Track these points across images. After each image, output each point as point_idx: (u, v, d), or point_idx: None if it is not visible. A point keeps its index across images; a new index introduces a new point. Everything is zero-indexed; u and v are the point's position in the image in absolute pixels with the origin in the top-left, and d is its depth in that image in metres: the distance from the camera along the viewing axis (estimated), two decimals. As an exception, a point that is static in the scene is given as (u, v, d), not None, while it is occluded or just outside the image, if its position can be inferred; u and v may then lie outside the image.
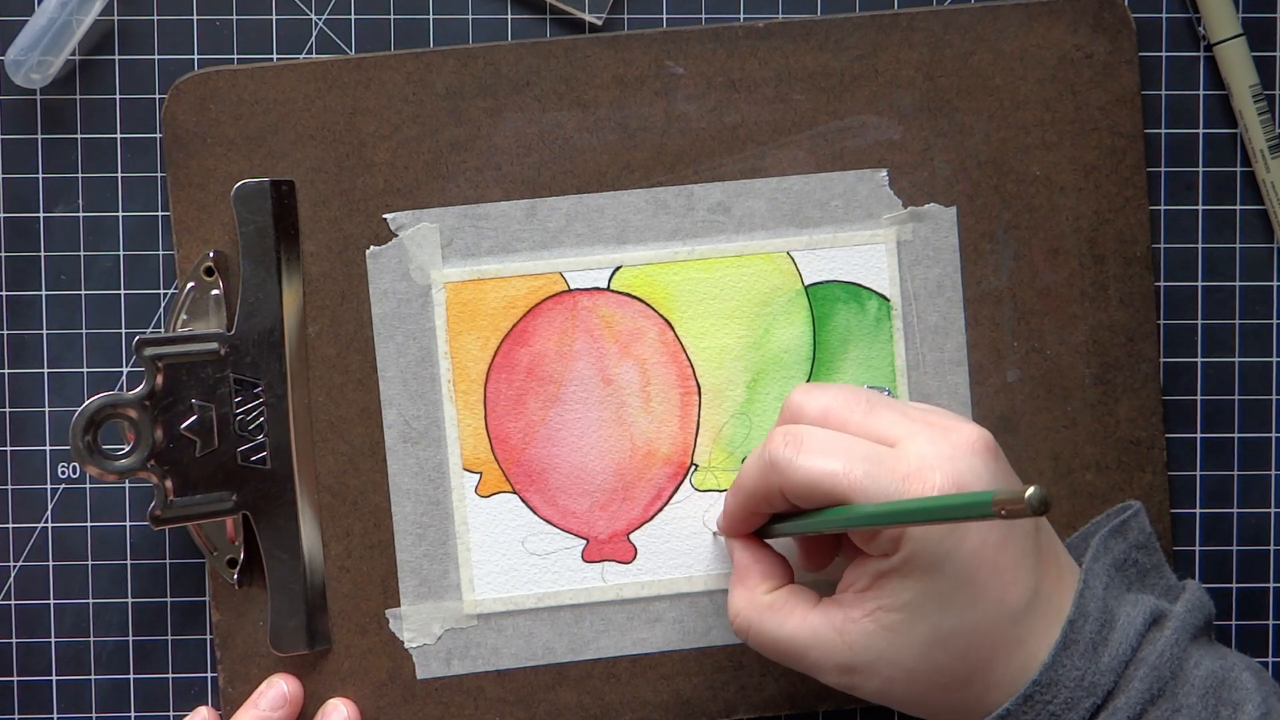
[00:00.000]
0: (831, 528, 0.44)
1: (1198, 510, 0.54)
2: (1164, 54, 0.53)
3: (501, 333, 0.52)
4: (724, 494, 0.52)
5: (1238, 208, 0.54)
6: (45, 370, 0.53)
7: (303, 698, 0.52)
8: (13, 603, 0.53)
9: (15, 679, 0.53)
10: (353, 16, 0.53)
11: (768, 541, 0.49)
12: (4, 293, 0.53)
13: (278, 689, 0.51)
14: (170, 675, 0.53)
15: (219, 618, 0.52)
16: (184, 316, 0.51)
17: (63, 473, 0.53)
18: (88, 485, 0.53)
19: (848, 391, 0.46)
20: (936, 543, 0.43)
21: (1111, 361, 0.52)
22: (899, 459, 0.43)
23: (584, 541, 0.52)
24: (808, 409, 0.46)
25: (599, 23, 0.53)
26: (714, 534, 0.52)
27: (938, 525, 0.42)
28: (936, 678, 0.44)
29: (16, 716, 0.53)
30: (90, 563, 0.53)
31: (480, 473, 0.52)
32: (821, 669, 0.45)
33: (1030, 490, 0.35)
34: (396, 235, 0.52)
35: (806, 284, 0.52)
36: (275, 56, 0.53)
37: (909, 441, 0.44)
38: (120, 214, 0.53)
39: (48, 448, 0.53)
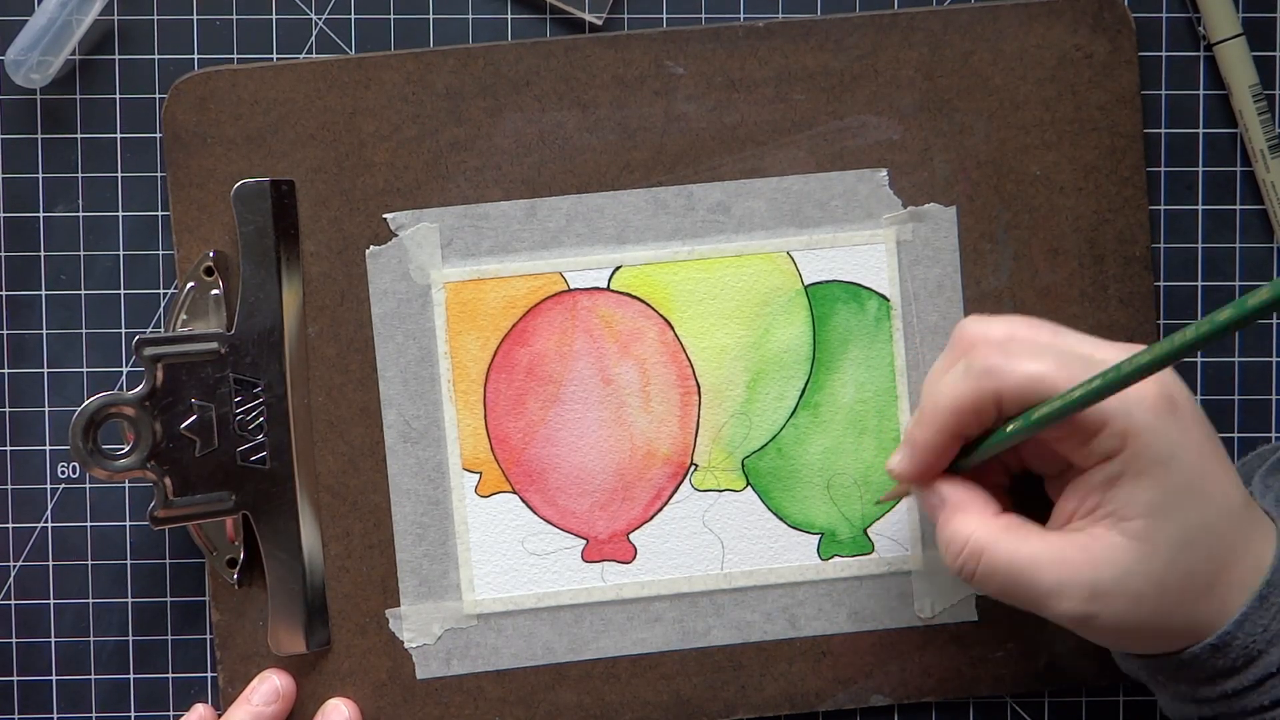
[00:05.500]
0: (1053, 420, 0.42)
1: (1198, 510, 0.54)
2: (1164, 54, 0.53)
3: (501, 333, 0.52)
4: (723, 493, 0.52)
5: (1238, 208, 0.54)
6: (45, 370, 0.53)
7: (295, 693, 0.52)
8: (13, 602, 0.53)
9: (15, 679, 0.53)
10: (353, 16, 0.53)
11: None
12: (4, 293, 0.53)
13: (270, 684, 0.51)
14: (170, 675, 0.53)
15: (219, 617, 0.52)
16: (184, 316, 0.51)
17: (62, 472, 0.53)
18: (87, 485, 0.53)
19: (1026, 318, 0.45)
20: (1163, 436, 0.41)
21: (1111, 361, 0.52)
22: (1104, 361, 0.42)
23: (584, 541, 0.52)
24: (992, 333, 0.45)
25: (599, 22, 0.53)
26: (881, 502, 0.51)
27: (1162, 378, 0.41)
28: (1187, 583, 0.42)
29: (16, 716, 0.53)
30: (90, 562, 0.53)
31: (480, 473, 0.52)
32: (1062, 593, 0.42)
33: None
34: (396, 235, 0.52)
35: (806, 284, 0.52)
36: (275, 56, 0.53)
37: (1100, 353, 0.43)
38: (120, 214, 0.53)
39: (48, 447, 0.53)
